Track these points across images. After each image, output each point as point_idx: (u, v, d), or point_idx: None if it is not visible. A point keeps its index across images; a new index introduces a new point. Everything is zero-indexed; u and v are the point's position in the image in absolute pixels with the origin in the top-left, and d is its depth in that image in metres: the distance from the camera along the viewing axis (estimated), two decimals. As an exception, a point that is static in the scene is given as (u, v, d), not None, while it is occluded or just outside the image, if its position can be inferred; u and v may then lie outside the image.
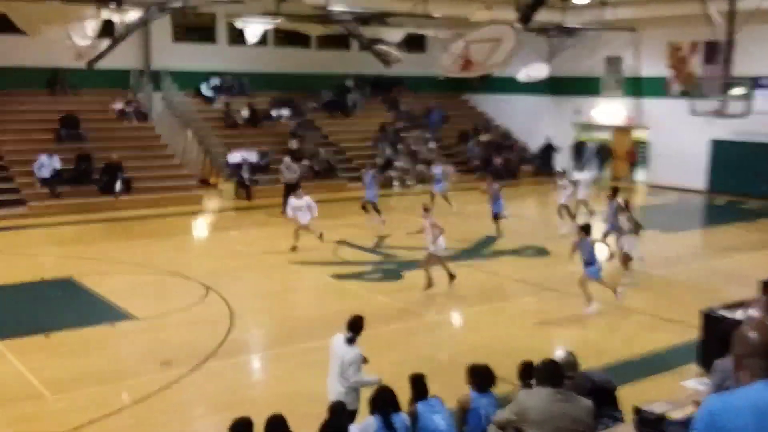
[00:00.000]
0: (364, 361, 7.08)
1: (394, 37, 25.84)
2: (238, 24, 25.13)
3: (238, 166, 24.39)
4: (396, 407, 5.94)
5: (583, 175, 21.81)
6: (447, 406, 6.29)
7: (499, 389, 6.57)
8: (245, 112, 27.12)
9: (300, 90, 29.59)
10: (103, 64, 22.01)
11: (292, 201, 16.55)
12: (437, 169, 22.28)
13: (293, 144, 25.69)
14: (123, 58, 24.33)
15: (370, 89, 31.60)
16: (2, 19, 21.36)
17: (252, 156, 24.90)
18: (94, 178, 21.95)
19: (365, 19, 23.69)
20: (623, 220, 14.15)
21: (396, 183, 26.89)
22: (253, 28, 25.35)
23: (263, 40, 27.01)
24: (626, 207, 14.60)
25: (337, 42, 29.82)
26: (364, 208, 20.11)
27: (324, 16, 23.53)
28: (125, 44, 22.42)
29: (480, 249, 17.03)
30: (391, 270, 15.14)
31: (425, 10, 21.57)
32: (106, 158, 22.07)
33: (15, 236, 17.80)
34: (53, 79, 24.83)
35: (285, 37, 29.01)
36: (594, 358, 9.26)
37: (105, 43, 21.47)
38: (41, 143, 22.14)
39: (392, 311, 12.30)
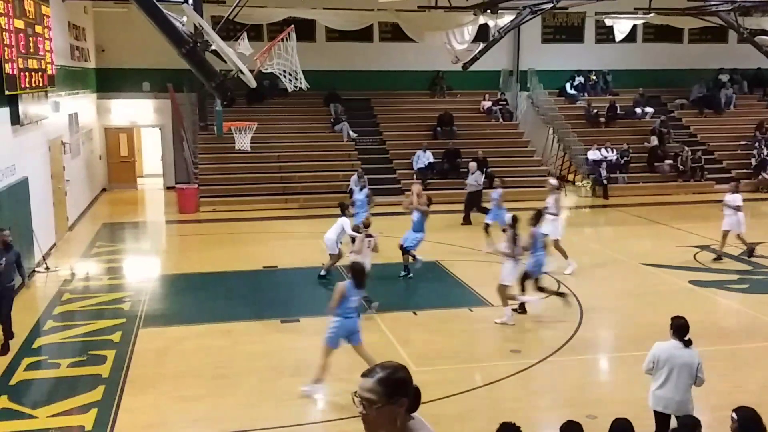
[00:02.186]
0: None
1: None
2: (608, 21, 25.02)
3: (596, 164, 24.36)
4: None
5: None
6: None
7: None
8: (606, 110, 26.90)
9: (667, 86, 28.44)
10: (476, 66, 23.72)
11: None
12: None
13: (652, 141, 24.85)
14: (494, 60, 25.92)
15: (748, 84, 29.05)
16: (395, 29, 24.42)
17: (611, 154, 24.67)
18: (461, 171, 23.72)
19: (746, 9, 21.93)
20: None
21: (772, 187, 24.50)
22: (623, 25, 25.02)
23: (631, 37, 26.49)
24: None
25: (713, 35, 27.96)
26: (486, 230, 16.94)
27: (700, 8, 22.34)
28: (497, 47, 23.90)
29: None
30: (760, 281, 14.07)
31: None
32: (473, 154, 23.69)
33: (394, 221, 20.07)
34: (434, 82, 27.36)
35: (655, 33, 28.07)
36: None
37: (479, 46, 23.09)
38: (419, 138, 24.60)
39: (758, 326, 11.49)
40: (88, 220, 20.48)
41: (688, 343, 6.80)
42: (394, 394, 3.00)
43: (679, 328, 6.88)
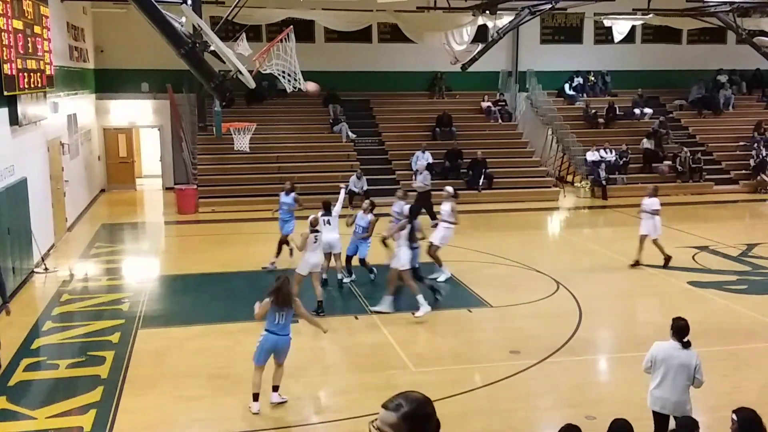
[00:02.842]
0: None
1: (779, 28, 23.54)
2: (606, 22, 25.06)
3: (595, 165, 24.38)
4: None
5: None
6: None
7: None
8: (605, 111, 26.92)
9: (666, 87, 28.50)
10: (475, 67, 23.76)
11: None
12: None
13: (644, 144, 24.91)
14: (493, 60, 25.93)
15: (747, 85, 29.09)
16: (394, 29, 24.48)
17: (610, 155, 24.69)
18: (461, 171, 23.75)
19: (745, 9, 21.97)
20: None
21: (771, 188, 24.53)
22: (621, 26, 25.07)
23: (630, 38, 26.53)
24: None
25: (712, 36, 28.01)
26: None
27: (698, 9, 22.38)
28: (496, 47, 23.95)
29: None
30: (759, 282, 14.08)
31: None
32: (472, 155, 23.74)
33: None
34: (433, 82, 27.37)
35: (653, 33, 28.13)
36: None
37: (478, 47, 23.12)
38: (418, 139, 24.60)
39: (757, 327, 11.49)
40: (86, 220, 20.46)
41: (686, 345, 6.80)
42: (418, 430, 2.74)
43: (679, 330, 6.88)
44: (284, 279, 8.80)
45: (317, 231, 12.19)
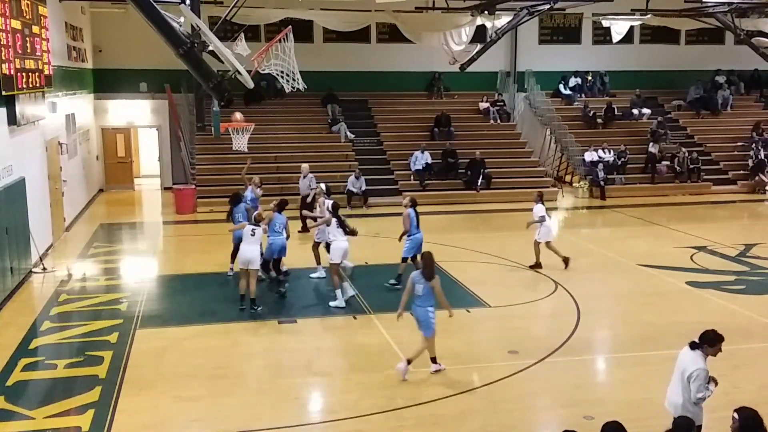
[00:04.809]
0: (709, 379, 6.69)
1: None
2: (605, 23, 25.10)
3: (593, 165, 24.39)
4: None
5: None
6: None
7: None
8: (603, 111, 26.94)
9: (664, 87, 28.55)
10: (474, 67, 23.79)
11: None
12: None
13: (652, 148, 24.96)
14: (491, 61, 25.96)
15: (744, 86, 29.12)
16: (393, 29, 24.48)
17: (608, 155, 24.72)
18: (459, 172, 23.76)
19: (743, 10, 22.00)
20: None
21: (769, 188, 24.58)
22: (620, 26, 25.11)
23: (628, 38, 26.56)
24: None
25: (710, 36, 28.05)
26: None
27: (696, 10, 22.41)
28: (494, 48, 23.98)
29: None
30: (757, 282, 14.10)
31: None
32: (471, 155, 23.73)
33: (391, 222, 20.06)
34: (431, 83, 27.37)
35: (651, 34, 28.18)
36: None
37: (476, 47, 23.13)
38: (417, 139, 24.60)
39: (755, 327, 11.50)
40: (85, 220, 20.44)
41: (692, 346, 6.75)
42: None
43: (700, 336, 6.80)
44: (428, 255, 9.80)
45: (257, 225, 12.30)
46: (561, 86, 28.14)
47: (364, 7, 22.71)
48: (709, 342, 6.72)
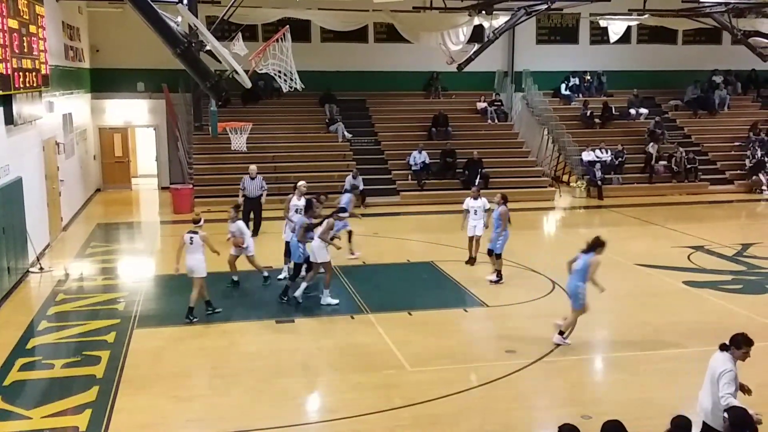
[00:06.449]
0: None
1: (775, 28, 23.62)
2: (602, 23, 25.11)
3: (591, 165, 24.42)
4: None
5: None
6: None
7: None
8: (600, 111, 26.97)
9: (661, 87, 28.58)
10: (471, 67, 23.77)
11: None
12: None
13: (650, 149, 24.98)
14: (489, 61, 25.95)
15: (742, 86, 29.18)
16: (390, 29, 24.47)
17: (605, 155, 24.74)
18: (457, 171, 23.77)
19: (740, 10, 22.03)
20: None
21: (765, 188, 24.57)
22: (617, 26, 25.12)
23: (626, 38, 26.58)
24: None
25: (707, 36, 28.09)
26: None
27: (694, 10, 22.44)
28: (492, 47, 23.95)
29: None
30: (754, 282, 14.12)
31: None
32: (468, 155, 23.75)
33: (389, 221, 20.12)
34: (429, 82, 27.37)
35: (649, 34, 28.21)
36: None
37: (474, 47, 23.13)
38: (414, 139, 24.61)
39: (753, 326, 11.48)
40: (82, 220, 20.41)
41: (721, 347, 6.60)
42: None
43: (730, 339, 6.63)
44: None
45: (195, 232, 11.78)
46: (562, 86, 28.15)
47: (361, 7, 22.70)
48: (736, 345, 6.54)
